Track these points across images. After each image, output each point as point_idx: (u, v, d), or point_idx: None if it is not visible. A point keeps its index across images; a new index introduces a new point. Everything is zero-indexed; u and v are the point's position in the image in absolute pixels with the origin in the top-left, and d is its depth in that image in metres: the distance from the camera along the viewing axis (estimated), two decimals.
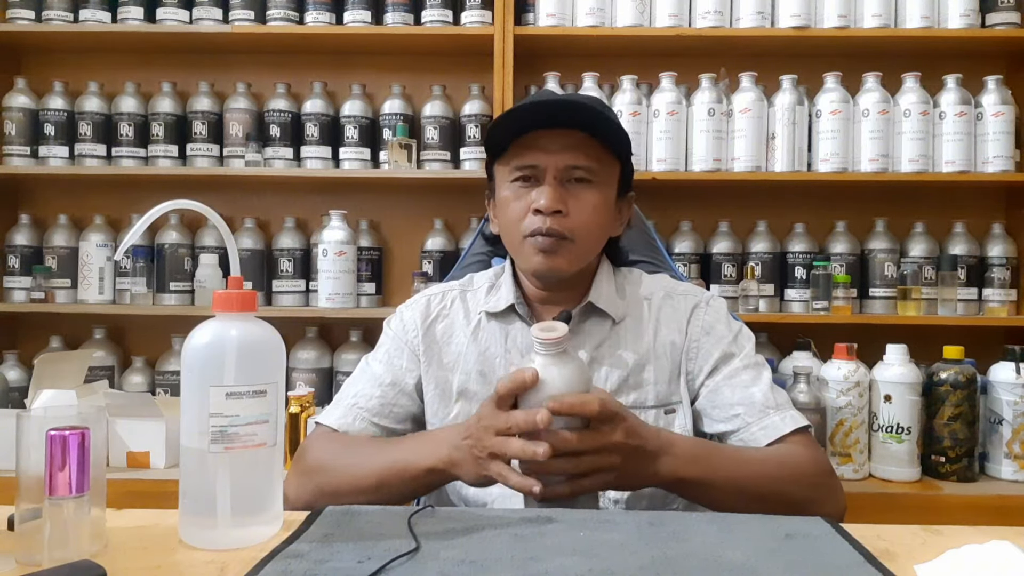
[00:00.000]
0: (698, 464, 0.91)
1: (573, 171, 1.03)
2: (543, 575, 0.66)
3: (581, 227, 1.04)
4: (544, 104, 1.03)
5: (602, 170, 1.05)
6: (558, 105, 1.04)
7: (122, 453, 1.75)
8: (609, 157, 1.06)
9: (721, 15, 2.11)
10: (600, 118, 1.02)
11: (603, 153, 1.05)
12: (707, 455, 0.94)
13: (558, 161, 1.03)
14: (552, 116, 1.02)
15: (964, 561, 0.67)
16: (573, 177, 1.04)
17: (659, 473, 0.89)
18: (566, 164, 1.03)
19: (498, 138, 1.06)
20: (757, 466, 0.96)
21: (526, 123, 1.03)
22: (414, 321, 1.13)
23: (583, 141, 1.03)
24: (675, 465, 0.89)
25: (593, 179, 1.04)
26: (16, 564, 0.70)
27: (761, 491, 0.92)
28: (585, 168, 1.04)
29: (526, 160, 1.04)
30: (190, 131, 2.26)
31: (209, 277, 2.21)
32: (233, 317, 0.77)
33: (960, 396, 1.74)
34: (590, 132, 1.03)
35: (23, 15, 2.21)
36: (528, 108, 1.02)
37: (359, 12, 2.18)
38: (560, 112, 1.03)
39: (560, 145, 1.03)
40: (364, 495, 0.94)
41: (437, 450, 0.92)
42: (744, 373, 1.06)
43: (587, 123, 1.02)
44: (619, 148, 1.07)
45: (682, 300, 1.12)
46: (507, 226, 1.08)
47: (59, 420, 0.71)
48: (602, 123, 1.02)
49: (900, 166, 2.09)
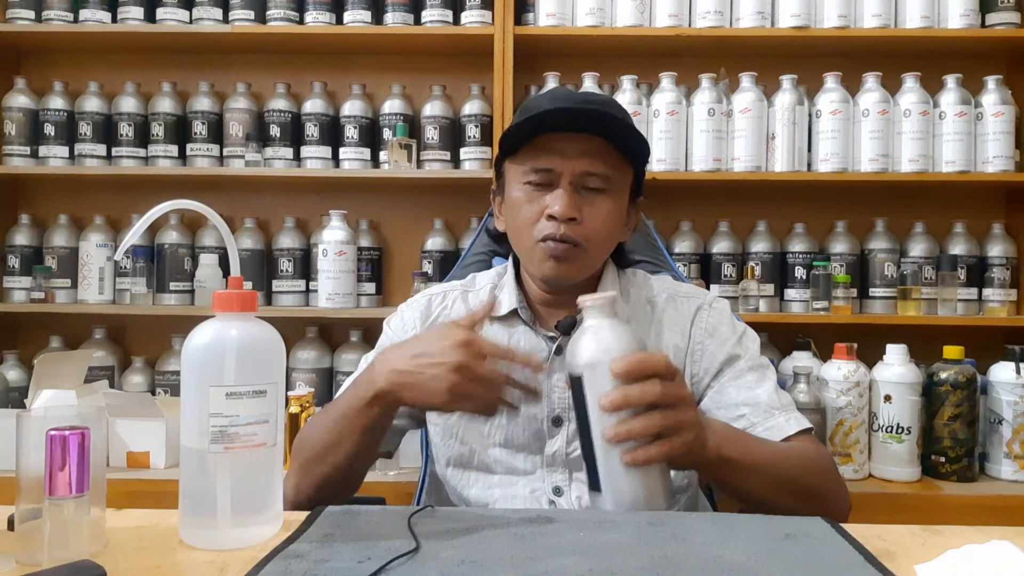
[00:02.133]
0: (735, 444, 0.90)
1: (589, 178, 1.02)
2: (543, 575, 0.66)
3: (594, 235, 1.03)
4: (568, 109, 0.99)
5: (617, 177, 1.04)
6: (582, 111, 1.00)
7: (122, 453, 1.75)
8: (624, 164, 1.05)
9: (721, 15, 2.11)
10: (621, 126, 1.00)
11: (619, 160, 1.03)
12: (738, 436, 0.93)
13: (575, 167, 1.01)
14: (574, 120, 1.00)
15: (964, 561, 0.67)
16: (588, 184, 1.02)
17: (707, 447, 0.85)
18: (583, 170, 1.01)
19: (516, 136, 1.03)
20: (781, 453, 0.95)
21: (547, 124, 1.00)
22: (414, 320, 1.13)
23: (601, 147, 1.01)
24: (717, 440, 0.87)
25: (608, 186, 1.03)
26: (16, 564, 0.70)
27: (786, 476, 0.92)
28: (601, 176, 1.02)
29: (542, 163, 1.02)
30: (190, 131, 2.26)
31: (209, 277, 2.21)
32: (233, 317, 0.77)
33: (960, 396, 1.74)
34: (610, 138, 1.01)
35: (23, 15, 2.21)
36: (552, 111, 0.99)
37: (359, 12, 2.18)
38: (583, 117, 1.00)
39: (578, 150, 1.01)
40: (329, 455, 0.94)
41: (375, 377, 0.90)
42: (749, 374, 1.05)
43: (608, 130, 1.00)
44: (636, 155, 1.05)
45: (685, 302, 1.12)
46: (517, 228, 1.06)
47: (59, 420, 0.71)
48: (623, 131, 1.00)
49: (900, 166, 2.09)
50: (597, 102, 1.03)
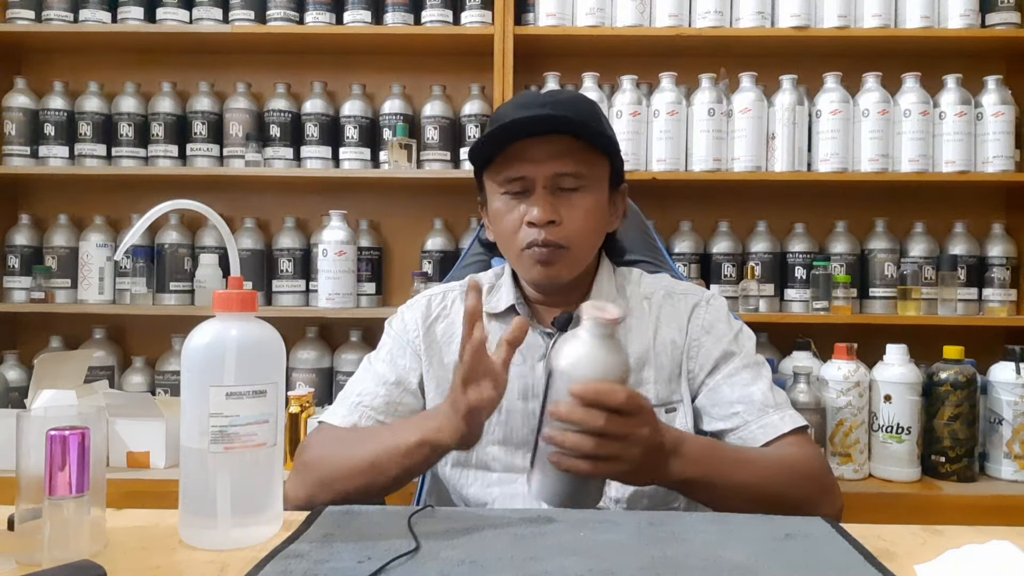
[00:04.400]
0: (701, 465, 0.90)
1: (562, 179, 1.02)
2: (543, 575, 0.66)
3: (576, 234, 1.03)
4: (523, 121, 1.00)
5: (591, 172, 1.04)
6: (538, 120, 1.01)
7: (122, 453, 1.75)
8: (597, 156, 1.05)
9: (721, 15, 2.11)
10: (581, 127, 1.00)
11: (591, 154, 1.04)
12: (710, 456, 0.93)
13: (546, 170, 1.01)
14: (537, 125, 1.01)
15: (964, 561, 0.67)
16: (563, 185, 1.03)
17: (667, 472, 0.88)
18: (554, 172, 1.02)
19: (482, 152, 1.04)
20: (757, 467, 0.96)
21: (510, 135, 1.01)
22: (415, 321, 1.13)
23: (570, 146, 1.02)
24: (681, 465, 0.89)
25: (583, 183, 1.03)
26: (16, 564, 0.70)
27: (760, 492, 0.92)
28: (574, 174, 1.02)
29: (514, 172, 1.03)
30: (190, 131, 2.26)
31: (209, 277, 2.21)
32: (233, 317, 0.77)
33: (960, 396, 1.74)
34: (578, 136, 1.02)
35: (23, 15, 2.21)
36: (508, 125, 0.99)
37: (359, 12, 2.18)
38: (544, 122, 1.00)
39: (547, 153, 1.01)
40: (359, 477, 0.94)
41: (424, 422, 0.93)
42: (744, 372, 1.06)
43: (573, 129, 1.01)
44: (609, 146, 1.06)
45: (682, 299, 1.12)
46: (503, 237, 1.07)
47: (59, 420, 0.71)
48: (583, 130, 1.01)
49: (900, 166, 2.09)
50: (559, 103, 1.04)
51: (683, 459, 0.89)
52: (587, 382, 0.80)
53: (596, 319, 0.81)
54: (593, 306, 0.82)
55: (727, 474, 0.92)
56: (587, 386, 0.80)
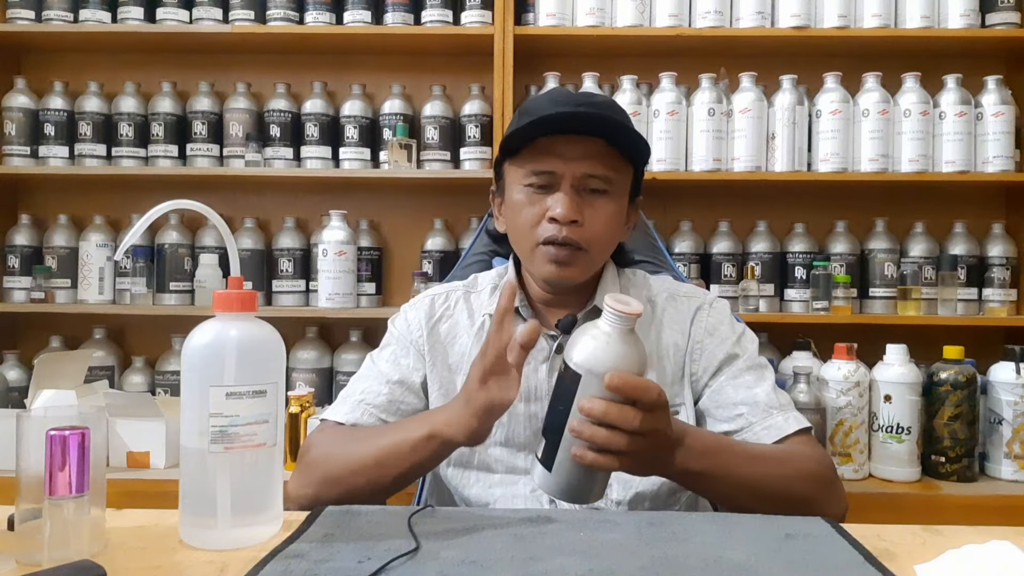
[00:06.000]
0: (707, 458, 0.89)
1: (590, 180, 1.02)
2: (543, 575, 0.66)
3: (595, 237, 1.03)
4: (569, 113, 0.99)
5: (618, 178, 1.04)
6: (582, 115, 1.00)
7: (122, 453, 1.75)
8: (624, 165, 1.05)
9: (721, 15, 2.11)
10: (621, 127, 1.00)
11: (619, 161, 1.03)
12: (716, 450, 0.93)
13: (576, 169, 1.01)
14: (575, 123, 1.00)
15: (964, 561, 0.67)
16: (589, 186, 1.02)
17: (671, 463, 0.87)
18: (584, 173, 1.01)
19: (516, 139, 1.03)
20: (764, 464, 0.95)
21: (548, 127, 1.00)
22: (418, 321, 1.13)
23: (602, 149, 1.01)
24: (686, 457, 0.87)
25: (609, 188, 1.03)
26: (16, 564, 0.70)
27: (766, 489, 0.92)
28: (602, 178, 1.02)
29: (543, 165, 1.02)
30: (190, 131, 2.26)
31: (209, 277, 2.21)
32: (233, 317, 0.77)
33: (960, 396, 1.74)
34: (610, 140, 1.01)
35: (23, 15, 2.21)
36: (553, 115, 0.99)
37: (359, 12, 2.18)
38: (583, 120, 1.00)
39: (579, 153, 1.01)
40: (365, 473, 0.94)
41: (432, 417, 0.93)
42: (747, 374, 1.06)
43: (608, 131, 1.01)
44: (636, 156, 1.05)
45: (685, 302, 1.12)
46: (518, 230, 1.06)
47: (59, 420, 0.71)
48: (623, 133, 1.00)
49: (900, 166, 2.09)
50: (596, 104, 1.03)
51: (687, 451, 0.88)
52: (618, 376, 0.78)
53: (619, 313, 0.79)
54: (615, 299, 0.80)
55: (733, 470, 0.91)
56: (625, 382, 0.77)
